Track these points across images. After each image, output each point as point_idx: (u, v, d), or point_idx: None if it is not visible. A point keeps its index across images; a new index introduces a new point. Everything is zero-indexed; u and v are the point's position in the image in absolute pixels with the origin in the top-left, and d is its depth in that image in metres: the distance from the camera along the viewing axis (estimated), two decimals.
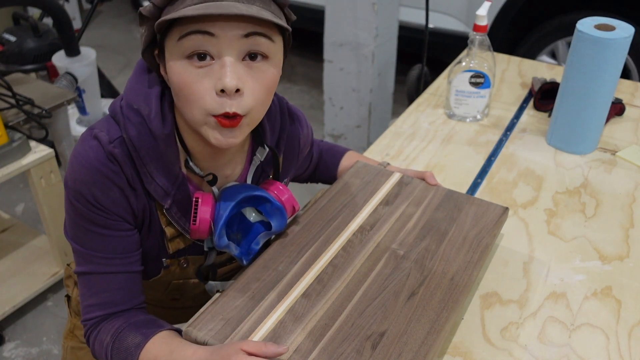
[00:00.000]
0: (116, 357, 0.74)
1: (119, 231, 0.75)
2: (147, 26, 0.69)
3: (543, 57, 2.54)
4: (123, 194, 0.73)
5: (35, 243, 1.96)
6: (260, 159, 0.82)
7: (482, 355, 0.79)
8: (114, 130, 0.73)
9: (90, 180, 0.71)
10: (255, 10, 0.63)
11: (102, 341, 0.75)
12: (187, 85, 0.66)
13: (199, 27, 0.64)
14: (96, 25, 4.26)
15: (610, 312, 0.87)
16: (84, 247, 0.75)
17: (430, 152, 1.26)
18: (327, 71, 2.41)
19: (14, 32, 2.39)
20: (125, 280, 0.77)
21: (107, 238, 0.74)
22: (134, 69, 0.77)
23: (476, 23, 1.25)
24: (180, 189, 0.76)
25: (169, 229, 0.79)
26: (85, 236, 0.74)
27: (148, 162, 0.73)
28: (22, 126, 1.65)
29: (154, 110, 0.72)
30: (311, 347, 0.69)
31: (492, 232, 0.89)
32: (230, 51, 0.65)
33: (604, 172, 1.19)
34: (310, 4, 3.06)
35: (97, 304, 0.76)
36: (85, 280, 0.77)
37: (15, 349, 1.76)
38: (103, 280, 0.76)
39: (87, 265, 0.76)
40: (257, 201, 0.80)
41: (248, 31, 0.65)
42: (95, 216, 0.73)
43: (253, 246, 0.82)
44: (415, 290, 0.78)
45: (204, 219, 0.74)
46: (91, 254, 0.75)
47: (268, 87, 0.70)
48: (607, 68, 1.14)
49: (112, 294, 0.76)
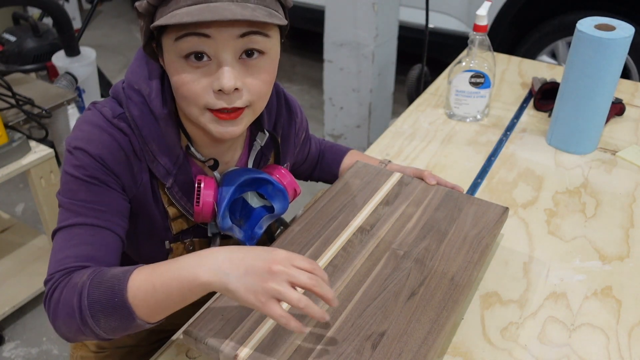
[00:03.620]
0: (96, 289, 0.64)
1: (116, 191, 0.73)
2: (144, 22, 0.70)
3: (543, 57, 2.54)
4: (127, 159, 0.73)
5: (35, 243, 1.96)
6: (260, 144, 0.84)
7: (482, 355, 0.79)
8: (116, 107, 0.74)
9: (97, 139, 0.71)
10: (249, 12, 0.63)
11: (75, 283, 0.66)
12: (184, 84, 0.67)
13: (194, 30, 0.64)
14: (96, 25, 4.26)
15: (610, 312, 0.87)
16: (75, 199, 0.71)
17: (430, 152, 1.26)
18: (327, 71, 2.41)
19: (14, 32, 2.39)
20: (110, 239, 0.72)
21: (105, 191, 0.72)
22: (135, 55, 0.78)
23: (476, 23, 1.25)
24: (181, 169, 0.77)
25: (171, 208, 0.79)
26: (80, 189, 0.71)
27: (150, 140, 0.74)
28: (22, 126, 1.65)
29: (155, 91, 0.74)
30: (311, 347, 0.69)
31: (492, 232, 0.89)
32: (227, 51, 0.66)
33: (604, 172, 1.19)
34: (310, 4, 3.06)
35: (75, 255, 0.69)
36: (66, 232, 0.70)
37: (15, 349, 1.76)
38: (88, 232, 0.70)
39: (74, 218, 0.70)
40: (258, 184, 0.81)
41: (243, 31, 0.66)
42: (96, 171, 0.71)
43: (256, 230, 0.82)
44: (416, 290, 0.78)
45: (207, 202, 0.76)
46: (83, 206, 0.71)
47: (266, 81, 0.71)
48: (607, 68, 1.14)
49: (95, 248, 0.70)
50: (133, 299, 0.64)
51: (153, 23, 0.67)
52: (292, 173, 0.96)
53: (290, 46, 3.50)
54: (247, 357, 0.68)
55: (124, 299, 0.63)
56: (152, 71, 0.76)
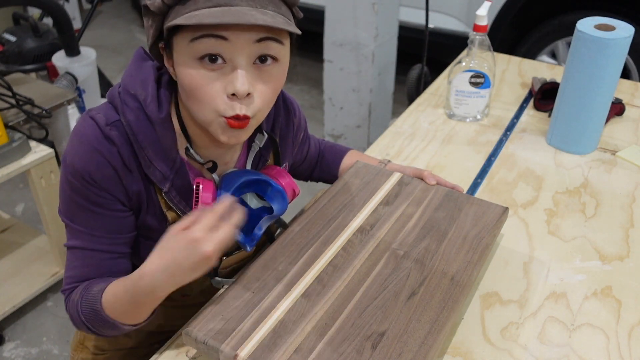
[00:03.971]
0: (85, 309, 0.74)
1: (110, 210, 0.75)
2: (153, 20, 0.69)
3: (543, 57, 2.54)
4: (117, 174, 0.74)
5: (35, 243, 1.96)
6: (259, 145, 0.84)
7: (482, 355, 0.79)
8: (111, 114, 0.74)
9: (86, 157, 0.72)
10: (270, 18, 0.63)
11: (73, 300, 0.76)
12: (198, 87, 0.67)
13: (212, 32, 0.64)
14: (96, 25, 4.26)
15: (610, 312, 0.87)
16: (73, 222, 0.76)
17: (430, 152, 1.26)
18: (327, 71, 2.41)
19: (14, 32, 2.39)
20: (108, 259, 0.77)
21: (97, 215, 0.75)
22: (132, 58, 0.78)
23: (476, 23, 1.26)
24: (179, 173, 0.77)
25: (170, 213, 0.80)
26: (76, 211, 0.75)
27: (146, 146, 0.74)
28: (22, 126, 1.65)
29: (150, 95, 0.74)
30: (311, 347, 0.69)
31: (492, 232, 0.89)
32: (243, 55, 0.66)
33: (604, 172, 1.19)
34: (310, 4, 3.06)
35: (76, 276, 0.77)
36: (71, 253, 0.78)
37: (15, 349, 1.76)
38: (86, 256, 0.77)
39: (74, 240, 0.77)
40: (257, 185, 0.81)
41: (261, 36, 0.66)
42: (89, 193, 0.73)
43: (256, 232, 0.82)
44: (415, 290, 0.78)
45: (205, 204, 0.76)
46: (79, 230, 0.76)
47: (276, 89, 0.72)
48: (607, 68, 1.14)
49: (91, 270, 0.77)
50: (110, 313, 0.72)
51: (166, 22, 0.67)
52: (292, 173, 0.96)
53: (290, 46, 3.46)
54: (247, 357, 0.68)
55: (104, 315, 0.72)
56: (149, 74, 0.75)
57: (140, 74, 0.75)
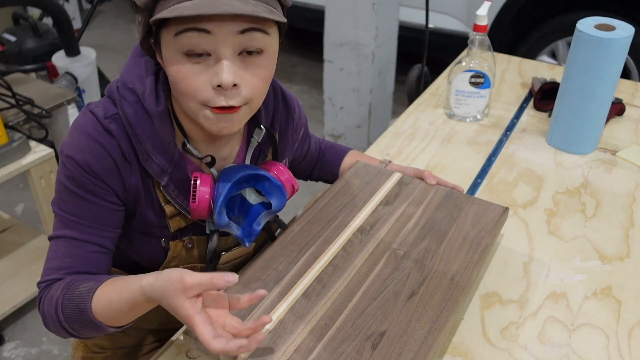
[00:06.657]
0: (67, 307, 0.71)
1: (105, 201, 0.75)
2: (142, 16, 0.70)
3: (543, 57, 2.54)
4: (116, 166, 0.74)
5: (35, 243, 1.96)
6: (257, 140, 0.84)
7: (482, 355, 0.79)
8: (109, 107, 0.75)
9: (85, 148, 0.72)
10: (250, 7, 0.63)
11: (52, 296, 0.73)
12: (184, 79, 0.68)
13: (194, 25, 0.64)
14: (96, 25, 4.26)
15: (610, 312, 0.87)
16: (65, 211, 0.75)
17: (430, 152, 1.26)
18: (327, 71, 2.41)
19: (14, 32, 2.39)
20: (94, 252, 0.76)
21: (91, 205, 0.74)
22: (131, 53, 0.79)
23: (476, 23, 1.26)
24: (177, 167, 0.77)
25: (168, 207, 0.80)
26: (69, 200, 0.74)
27: (144, 139, 0.74)
28: (22, 126, 1.65)
29: (148, 89, 0.74)
30: (311, 347, 0.69)
31: (492, 232, 0.89)
32: (227, 47, 0.66)
33: (604, 172, 1.19)
34: (310, 4, 3.06)
35: (58, 267, 0.75)
36: (55, 243, 0.76)
37: (15, 349, 1.76)
38: (72, 245, 0.75)
39: (62, 230, 0.75)
40: (256, 180, 0.81)
41: (244, 27, 0.66)
42: (86, 182, 0.73)
43: (255, 227, 0.82)
44: (415, 290, 0.78)
45: (203, 198, 0.76)
46: (69, 219, 0.75)
47: (265, 78, 0.71)
48: (607, 68, 1.14)
49: (76, 260, 0.75)
50: (98, 314, 0.70)
51: (152, 17, 0.67)
52: (292, 172, 0.96)
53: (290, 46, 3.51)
54: (247, 357, 0.68)
55: (90, 316, 0.70)
56: (147, 69, 0.76)
57: (138, 69, 0.76)
